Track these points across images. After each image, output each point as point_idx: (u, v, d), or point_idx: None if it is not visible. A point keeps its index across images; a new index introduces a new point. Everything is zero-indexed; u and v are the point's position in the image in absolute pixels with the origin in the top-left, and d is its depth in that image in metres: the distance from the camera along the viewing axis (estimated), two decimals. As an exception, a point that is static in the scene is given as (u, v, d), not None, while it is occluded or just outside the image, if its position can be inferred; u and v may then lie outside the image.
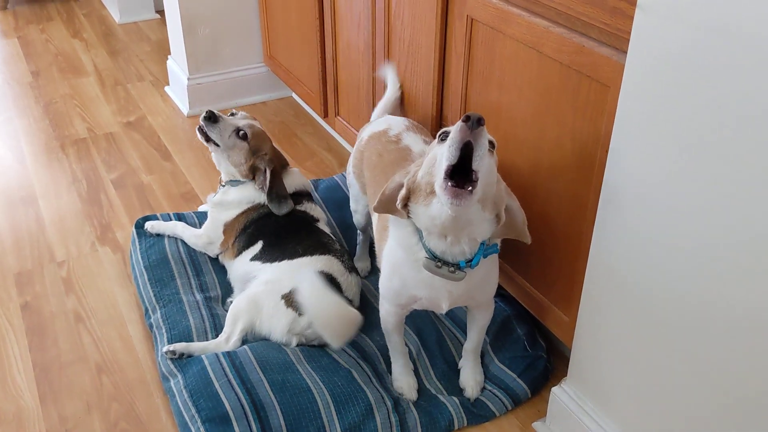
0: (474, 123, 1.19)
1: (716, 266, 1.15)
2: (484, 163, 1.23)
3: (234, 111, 2.14)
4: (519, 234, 1.45)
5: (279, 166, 2.05)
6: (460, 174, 1.22)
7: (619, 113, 1.27)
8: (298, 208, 2.04)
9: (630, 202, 1.28)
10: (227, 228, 2.07)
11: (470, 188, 1.21)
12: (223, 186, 2.12)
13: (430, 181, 1.30)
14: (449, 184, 1.21)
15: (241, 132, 2.02)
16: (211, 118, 2.01)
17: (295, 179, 2.09)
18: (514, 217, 1.42)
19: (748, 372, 1.15)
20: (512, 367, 1.76)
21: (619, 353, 1.41)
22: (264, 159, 2.03)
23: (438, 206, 1.29)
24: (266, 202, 2.02)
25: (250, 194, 2.05)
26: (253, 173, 2.05)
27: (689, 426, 1.29)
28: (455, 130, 1.21)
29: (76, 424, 1.71)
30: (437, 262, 1.38)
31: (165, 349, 1.75)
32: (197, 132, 2.06)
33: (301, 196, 2.07)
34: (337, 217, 2.30)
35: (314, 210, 2.07)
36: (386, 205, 1.42)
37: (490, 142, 1.32)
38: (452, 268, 1.38)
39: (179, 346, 1.75)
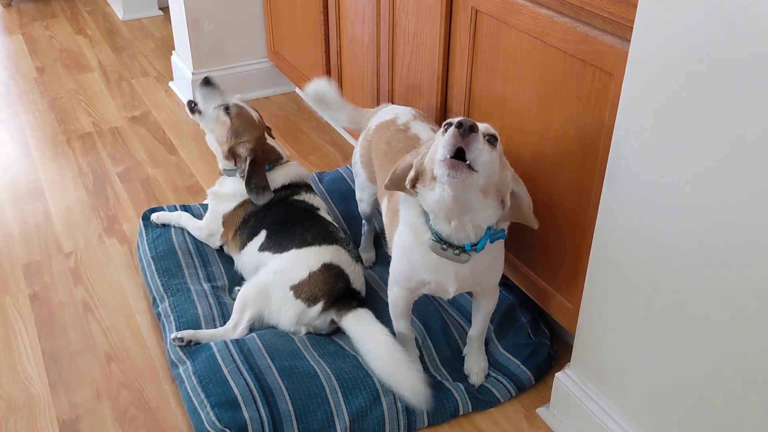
0: (466, 131, 1.22)
1: (718, 253, 1.17)
2: (480, 161, 1.26)
3: (238, 96, 2.18)
4: (525, 219, 1.48)
5: (262, 156, 2.05)
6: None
7: (622, 101, 1.29)
8: (296, 198, 2.06)
9: (633, 189, 1.30)
10: (226, 220, 2.09)
11: (467, 162, 1.25)
12: (221, 175, 2.15)
13: (431, 167, 1.34)
14: (448, 156, 1.25)
15: (225, 108, 2.06)
16: (206, 81, 2.09)
17: (290, 171, 2.10)
18: (520, 202, 1.45)
19: (749, 356, 1.17)
20: (516, 354, 1.78)
21: (622, 338, 1.44)
22: (246, 147, 2.03)
23: (440, 191, 1.33)
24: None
25: (243, 187, 2.05)
26: (234, 159, 2.07)
27: (692, 408, 1.32)
28: (449, 134, 1.25)
29: (86, 410, 1.73)
30: (443, 244, 1.41)
31: (173, 336, 1.78)
32: (186, 106, 2.14)
33: (298, 187, 2.09)
34: (343, 209, 2.33)
35: (314, 199, 2.09)
36: (396, 183, 1.47)
37: (493, 136, 1.35)
38: (457, 251, 1.41)
39: (187, 333, 1.78)
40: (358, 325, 1.76)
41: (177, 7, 3.07)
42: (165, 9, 4.32)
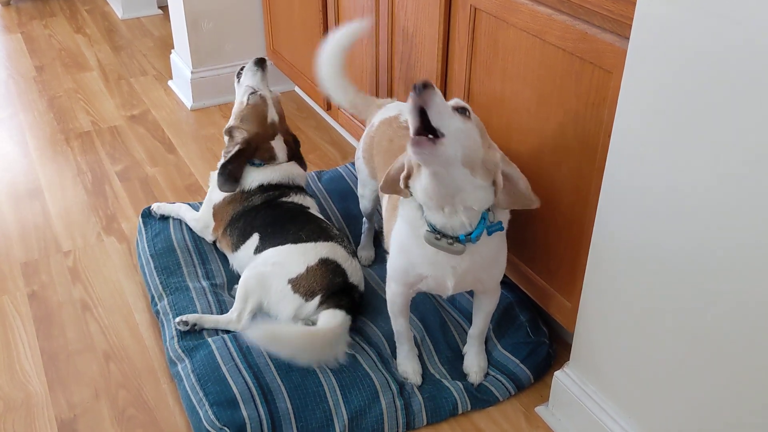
0: (419, 88, 1.25)
1: (716, 253, 1.17)
2: (444, 122, 1.28)
3: (278, 90, 2.26)
4: (525, 200, 1.46)
5: (251, 151, 2.06)
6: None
7: (621, 99, 1.28)
8: (285, 199, 2.05)
9: (631, 188, 1.30)
10: (216, 212, 2.10)
11: (431, 136, 1.26)
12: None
13: None
14: (416, 128, 1.27)
15: (251, 92, 2.09)
16: (261, 62, 2.15)
17: (280, 171, 2.09)
18: (516, 184, 1.44)
19: (747, 354, 1.17)
20: (515, 352, 1.78)
21: (621, 337, 1.43)
22: (242, 134, 2.07)
23: (424, 175, 1.35)
24: (248, 189, 2.05)
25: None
26: (229, 136, 2.11)
27: (691, 407, 1.31)
28: (408, 101, 1.28)
29: (84, 410, 1.73)
30: (436, 234, 1.42)
31: (178, 319, 1.79)
32: (239, 69, 2.20)
33: (288, 188, 2.08)
34: (342, 208, 2.32)
35: (304, 200, 2.08)
36: (391, 185, 1.48)
37: (463, 108, 1.36)
38: (451, 241, 1.42)
39: (192, 317, 1.79)
40: (323, 320, 1.75)
41: (176, 6, 3.06)
42: (164, 8, 4.32)
